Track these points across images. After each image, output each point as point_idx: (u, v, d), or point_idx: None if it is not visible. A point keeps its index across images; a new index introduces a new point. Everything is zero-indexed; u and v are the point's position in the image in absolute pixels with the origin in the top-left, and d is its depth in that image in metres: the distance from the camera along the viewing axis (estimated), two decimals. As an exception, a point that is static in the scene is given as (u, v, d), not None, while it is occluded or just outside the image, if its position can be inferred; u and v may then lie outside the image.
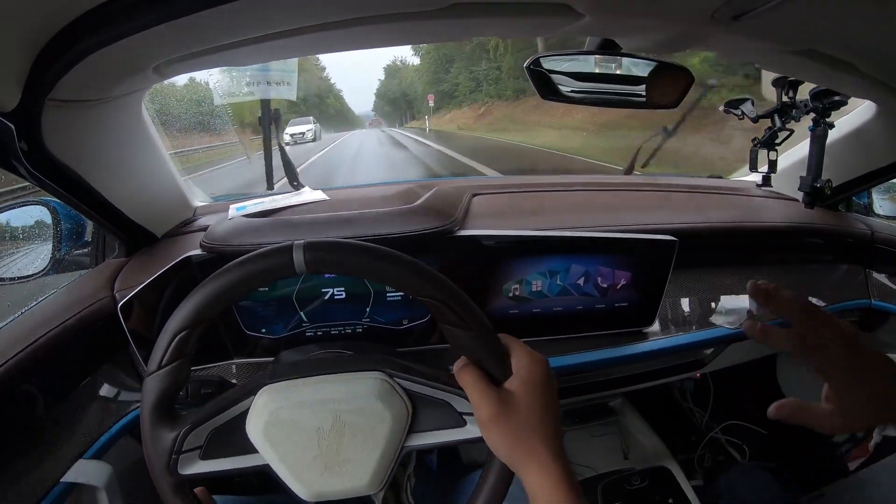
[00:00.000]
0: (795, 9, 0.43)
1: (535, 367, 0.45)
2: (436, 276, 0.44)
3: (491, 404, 0.43)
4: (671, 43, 0.60)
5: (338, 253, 0.43)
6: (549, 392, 0.45)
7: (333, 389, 0.46)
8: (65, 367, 0.65)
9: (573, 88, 0.68)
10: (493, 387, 0.44)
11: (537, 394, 0.44)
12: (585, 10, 0.46)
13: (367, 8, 0.43)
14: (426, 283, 0.44)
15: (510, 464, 0.44)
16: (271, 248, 0.44)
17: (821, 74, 0.68)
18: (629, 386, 0.81)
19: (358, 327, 0.69)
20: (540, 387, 0.44)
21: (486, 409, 0.43)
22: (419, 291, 0.44)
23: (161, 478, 0.45)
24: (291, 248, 0.43)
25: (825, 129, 0.87)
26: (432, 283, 0.44)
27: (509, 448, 0.43)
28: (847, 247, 0.94)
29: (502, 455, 0.44)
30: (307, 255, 0.43)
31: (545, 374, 0.45)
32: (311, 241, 0.43)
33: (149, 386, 0.45)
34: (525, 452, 0.42)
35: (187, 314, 0.44)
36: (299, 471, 0.45)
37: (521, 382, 0.44)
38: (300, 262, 0.43)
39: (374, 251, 0.44)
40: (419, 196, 0.74)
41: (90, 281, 0.75)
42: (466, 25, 0.48)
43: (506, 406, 0.43)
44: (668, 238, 0.69)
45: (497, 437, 0.43)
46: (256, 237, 0.64)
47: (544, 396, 0.44)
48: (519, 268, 0.68)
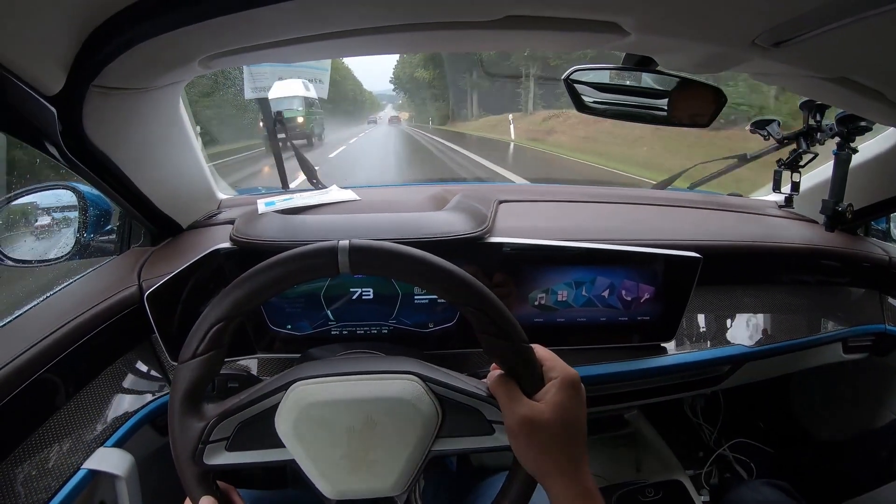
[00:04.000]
0: (834, 39, 0.44)
1: (568, 381, 0.45)
2: (477, 285, 0.44)
3: (521, 414, 0.43)
4: (709, 64, 0.61)
5: (381, 256, 0.44)
6: (578, 406, 0.45)
7: (367, 390, 0.46)
8: (89, 353, 0.65)
9: (609, 102, 0.69)
10: (524, 397, 0.44)
11: (567, 407, 0.44)
12: (632, 30, 0.47)
13: (425, 15, 0.43)
14: (467, 292, 0.44)
15: (534, 473, 0.44)
16: (315, 246, 0.44)
17: (849, 101, 0.69)
18: (646, 399, 0.82)
19: (384, 328, 0.69)
20: (570, 401, 0.45)
21: (517, 418, 0.43)
22: (459, 299, 0.44)
23: (186, 466, 0.45)
24: (336, 247, 0.43)
25: (849, 153, 0.88)
26: (473, 292, 0.44)
27: (535, 458, 0.44)
28: (864, 271, 0.95)
29: (528, 464, 0.44)
30: (352, 256, 0.43)
31: (576, 389, 0.46)
32: (356, 242, 0.43)
33: (182, 374, 0.45)
34: (551, 464, 0.43)
35: (227, 306, 0.44)
36: (326, 468, 0.45)
37: (553, 395, 0.44)
38: (344, 262, 0.43)
39: (417, 257, 0.44)
40: (447, 200, 0.75)
41: (116, 268, 0.75)
42: (518, 37, 0.49)
43: (536, 417, 0.43)
44: (692, 255, 0.70)
45: (524, 447, 0.44)
46: (289, 234, 0.64)
47: (574, 410, 0.45)
48: (546, 277, 0.69)
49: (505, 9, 0.42)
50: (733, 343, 0.83)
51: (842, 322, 0.93)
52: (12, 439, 0.57)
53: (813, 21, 0.41)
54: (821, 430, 1.13)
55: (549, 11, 0.44)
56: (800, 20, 0.42)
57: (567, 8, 0.44)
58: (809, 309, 0.90)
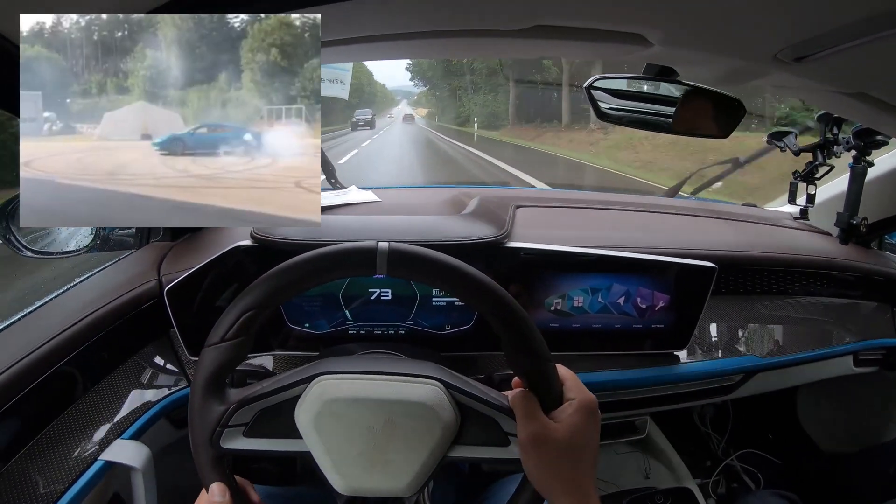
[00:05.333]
0: (854, 56, 0.44)
1: (585, 404, 0.46)
2: (509, 299, 0.45)
3: (534, 430, 0.44)
4: (729, 77, 0.62)
5: (419, 261, 0.44)
6: (593, 431, 0.46)
7: (390, 392, 0.46)
8: (108, 346, 0.66)
9: (627, 109, 0.69)
10: (542, 415, 0.45)
11: (581, 430, 0.45)
12: (656, 42, 0.48)
13: (457, 23, 0.44)
14: (497, 304, 0.45)
15: (541, 490, 0.45)
16: (355, 245, 0.44)
17: (867, 115, 0.70)
18: (657, 406, 0.82)
19: (401, 329, 0.70)
20: (585, 424, 0.45)
21: (529, 433, 0.44)
22: (489, 310, 0.45)
23: (202, 449, 0.45)
24: (375, 248, 0.44)
25: (865, 166, 0.88)
26: (505, 305, 0.45)
27: (543, 475, 0.44)
28: (877, 285, 0.95)
29: (534, 480, 0.45)
30: (391, 258, 0.43)
31: (592, 413, 0.46)
32: (396, 245, 0.44)
33: (208, 356, 0.45)
34: (559, 483, 0.44)
35: (260, 295, 0.45)
36: (341, 464, 0.46)
37: (569, 416, 0.45)
38: (382, 264, 0.44)
39: (453, 266, 0.44)
40: (465, 203, 0.75)
41: (137, 263, 0.76)
42: (547, 46, 0.50)
43: (549, 435, 0.44)
44: (708, 265, 0.70)
45: (534, 463, 0.44)
46: (310, 234, 0.65)
47: (587, 434, 0.45)
48: (563, 283, 0.69)
49: (535, 19, 0.43)
50: (745, 353, 0.83)
51: (853, 335, 0.93)
52: (32, 429, 0.58)
53: (834, 38, 0.42)
54: (828, 443, 1.13)
55: (576, 22, 0.45)
56: (822, 37, 0.43)
57: (594, 19, 0.45)
58: (821, 321, 0.90)
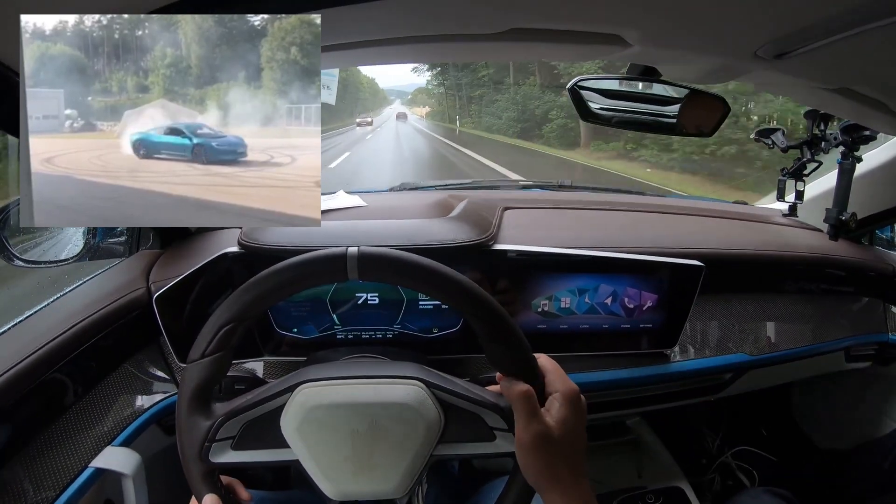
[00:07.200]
0: (836, 51, 0.44)
1: (569, 395, 0.46)
2: (482, 295, 0.45)
3: (537, 431, 0.44)
4: (711, 75, 0.62)
5: (390, 264, 0.45)
6: (580, 421, 0.46)
7: (372, 394, 0.47)
8: (98, 354, 0.66)
9: (612, 110, 0.69)
10: (542, 414, 0.45)
11: (571, 423, 0.45)
12: (635, 42, 0.48)
13: (434, 27, 0.44)
14: (473, 301, 0.45)
15: (536, 486, 0.45)
16: (325, 252, 0.45)
17: (853, 111, 0.70)
18: (648, 406, 0.82)
19: (389, 333, 0.70)
20: (573, 416, 0.45)
21: (531, 433, 0.44)
22: (465, 307, 0.45)
23: (192, 464, 0.46)
24: (346, 254, 0.44)
25: (853, 162, 0.88)
26: (478, 301, 0.45)
27: (541, 473, 0.44)
28: (868, 280, 0.95)
29: (531, 476, 0.45)
30: (361, 263, 0.44)
31: (577, 404, 0.46)
32: (366, 249, 0.44)
33: (190, 373, 0.46)
34: (552, 477, 0.44)
35: (237, 308, 0.45)
36: (329, 470, 0.46)
37: (557, 411, 0.45)
38: (353, 268, 0.44)
39: (424, 265, 0.45)
40: (452, 206, 0.76)
41: (126, 271, 0.76)
42: (524, 49, 0.50)
43: (548, 434, 0.44)
44: (695, 263, 0.70)
45: (532, 461, 0.44)
46: (297, 240, 0.65)
47: (576, 426, 0.45)
48: (549, 284, 0.69)
49: (510, 22, 0.43)
50: (735, 351, 0.83)
51: (845, 331, 0.93)
52: (22, 437, 0.58)
53: (814, 33, 0.42)
54: (823, 439, 1.13)
55: (552, 24, 0.45)
56: (801, 32, 0.43)
57: (570, 21, 0.45)
58: (812, 318, 0.90)
